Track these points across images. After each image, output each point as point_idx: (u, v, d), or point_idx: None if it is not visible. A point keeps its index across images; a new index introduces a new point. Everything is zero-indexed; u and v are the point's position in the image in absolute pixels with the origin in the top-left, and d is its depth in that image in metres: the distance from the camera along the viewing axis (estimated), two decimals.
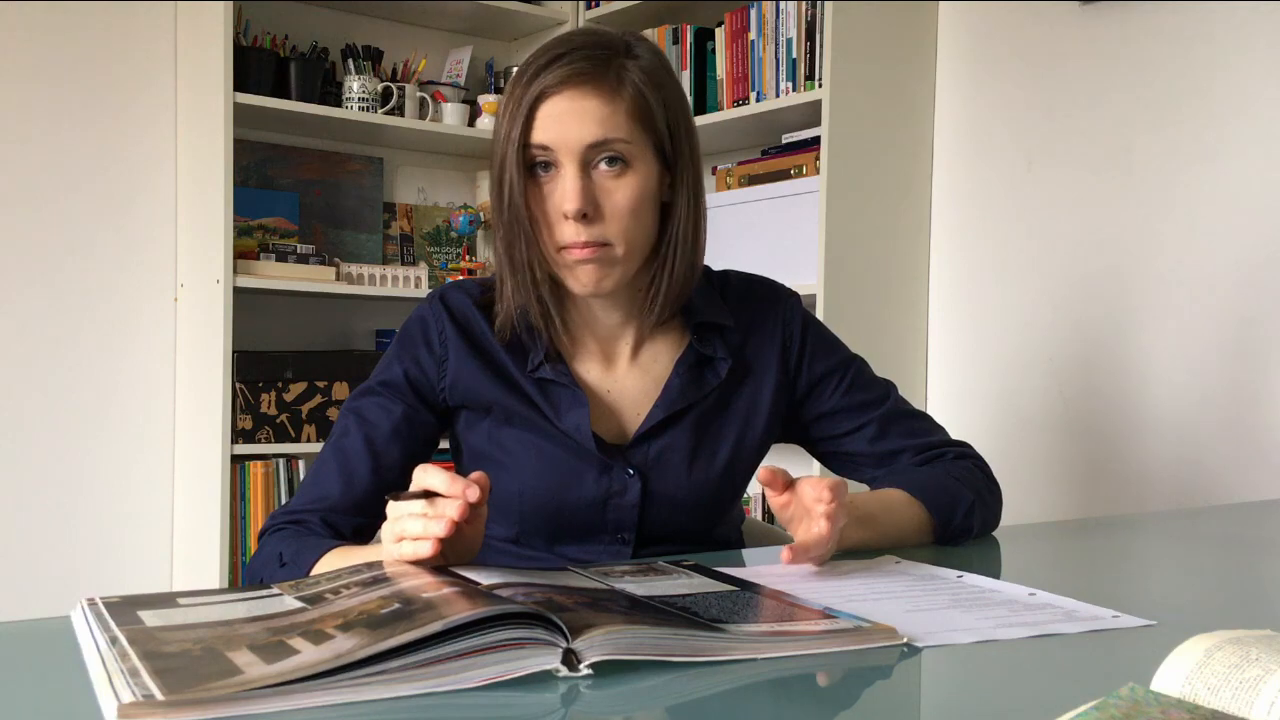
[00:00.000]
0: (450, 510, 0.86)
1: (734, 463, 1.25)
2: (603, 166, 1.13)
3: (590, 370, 1.23)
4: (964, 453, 1.30)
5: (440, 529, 0.86)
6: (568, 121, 1.11)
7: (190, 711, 0.57)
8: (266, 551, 1.13)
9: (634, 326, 1.24)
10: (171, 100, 2.83)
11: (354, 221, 3.12)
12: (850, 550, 1.10)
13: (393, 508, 0.91)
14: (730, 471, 1.25)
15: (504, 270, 1.18)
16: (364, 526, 1.18)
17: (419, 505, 0.89)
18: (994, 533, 1.28)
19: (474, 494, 0.87)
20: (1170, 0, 2.25)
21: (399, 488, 1.16)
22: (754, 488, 2.58)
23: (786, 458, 1.71)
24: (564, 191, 1.12)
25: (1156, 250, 2.28)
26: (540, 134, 1.12)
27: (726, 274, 1.32)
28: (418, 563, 0.88)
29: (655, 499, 1.21)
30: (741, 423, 1.26)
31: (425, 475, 0.91)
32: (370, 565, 0.88)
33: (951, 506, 1.19)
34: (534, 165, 1.13)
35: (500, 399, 1.20)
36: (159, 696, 0.58)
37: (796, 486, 1.02)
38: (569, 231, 1.13)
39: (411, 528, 0.88)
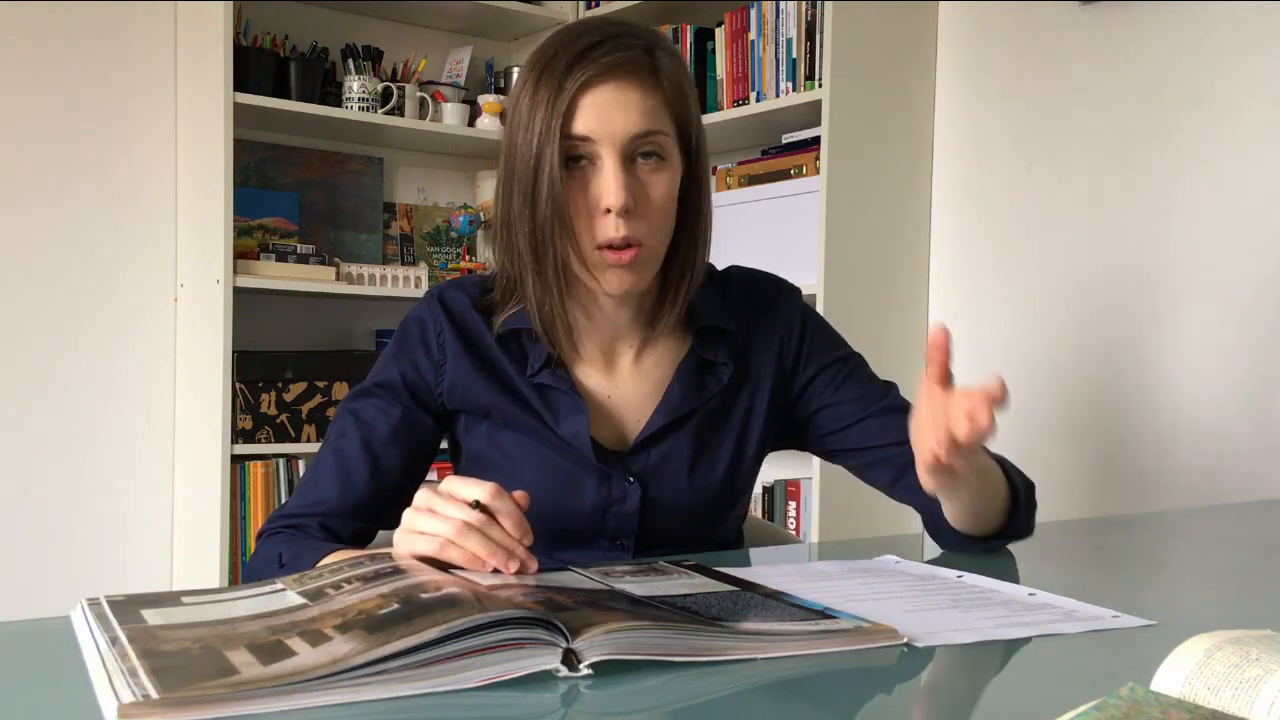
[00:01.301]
0: (518, 549, 0.89)
1: (734, 468, 1.24)
2: (641, 160, 1.11)
3: (591, 375, 1.21)
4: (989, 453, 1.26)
5: (504, 562, 0.88)
6: (612, 112, 1.09)
7: (190, 711, 0.57)
8: (264, 553, 1.11)
9: (640, 328, 1.22)
10: (171, 100, 2.83)
11: (354, 221, 3.12)
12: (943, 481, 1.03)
13: (435, 502, 0.91)
14: (731, 477, 1.24)
15: (526, 270, 1.14)
16: (362, 531, 1.17)
17: (475, 515, 0.89)
18: None
19: (525, 502, 0.91)
20: (1170, 0, 2.25)
21: (398, 492, 1.15)
22: (755, 487, 2.58)
23: (787, 458, 1.71)
24: (605, 185, 1.09)
25: (1157, 250, 2.28)
26: (582, 124, 1.08)
27: (728, 273, 1.30)
28: (427, 560, 0.88)
29: (655, 506, 1.19)
30: (741, 427, 1.24)
31: (465, 487, 0.91)
32: (374, 557, 0.88)
33: (1028, 486, 1.16)
34: (569, 158, 1.10)
35: (499, 404, 1.19)
36: (154, 695, 0.58)
37: (952, 393, 0.97)
38: (609, 227, 1.09)
39: (471, 543, 0.88)
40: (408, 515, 0.92)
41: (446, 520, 0.89)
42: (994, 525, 1.14)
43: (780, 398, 1.27)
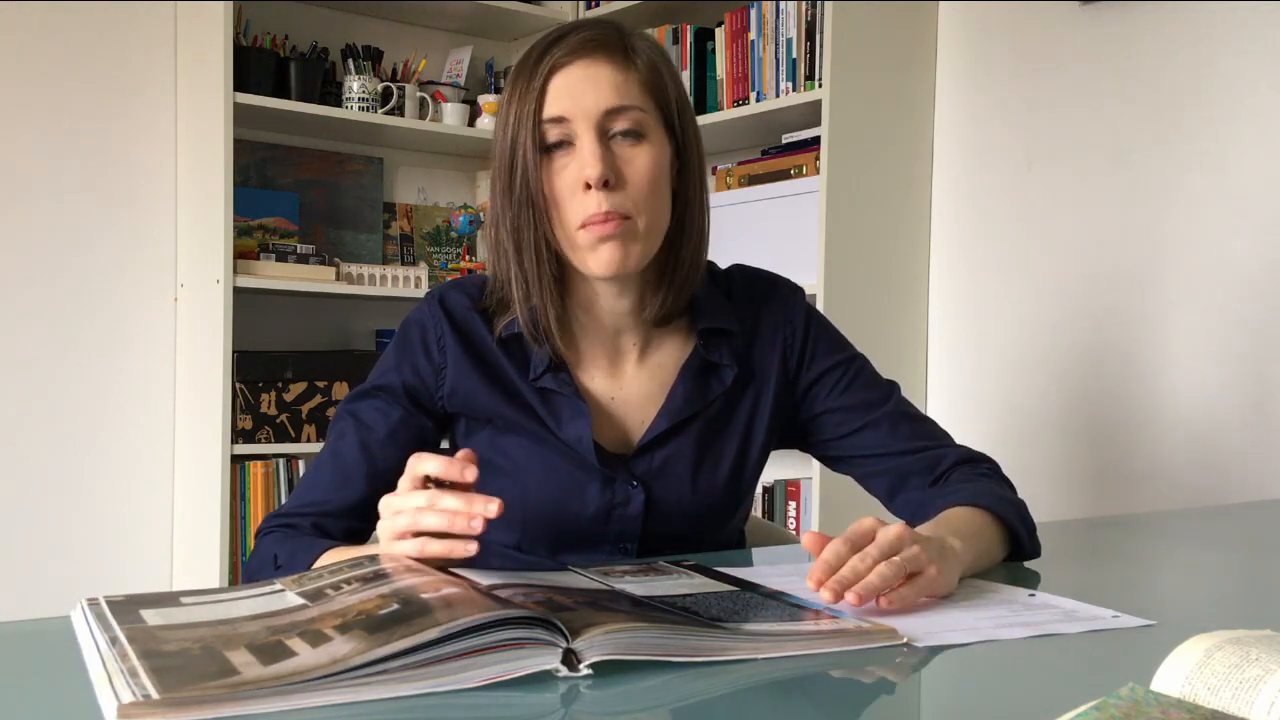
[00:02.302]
0: (472, 521, 0.87)
1: (738, 470, 1.23)
2: (619, 136, 1.11)
3: (594, 378, 1.20)
4: (976, 458, 1.23)
5: (470, 545, 0.87)
6: (583, 89, 1.09)
7: (190, 711, 0.57)
8: (261, 553, 1.11)
9: (642, 324, 1.21)
10: (171, 100, 2.83)
11: (354, 221, 3.12)
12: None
13: (388, 502, 0.91)
14: (735, 479, 1.23)
15: (509, 263, 1.14)
16: (356, 530, 1.16)
17: (423, 498, 0.88)
18: None
19: (472, 474, 0.88)
20: (1170, 0, 2.25)
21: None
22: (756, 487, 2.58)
23: (787, 458, 1.71)
24: (583, 160, 1.09)
25: (1157, 250, 2.28)
26: (555, 106, 1.09)
27: (730, 272, 1.29)
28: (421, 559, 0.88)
29: (658, 509, 1.18)
30: (745, 429, 1.23)
31: (420, 463, 0.91)
32: (372, 559, 0.88)
33: (1020, 512, 1.10)
34: (547, 144, 1.10)
35: (500, 409, 1.18)
36: (154, 695, 0.58)
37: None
38: (591, 203, 1.09)
39: (428, 521, 0.87)
40: (381, 526, 0.93)
41: (399, 516, 0.89)
42: (998, 562, 1.10)
43: (784, 400, 1.26)
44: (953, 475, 1.20)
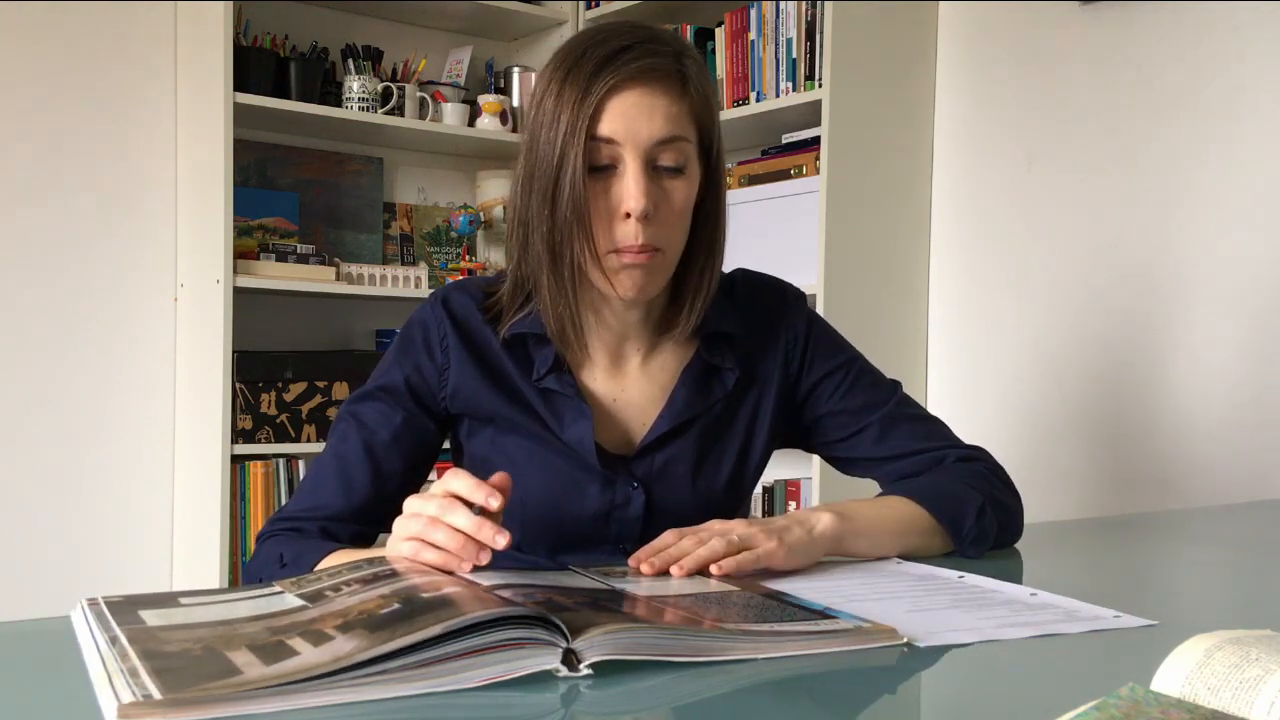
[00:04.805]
0: (482, 552, 0.86)
1: (739, 473, 1.24)
2: (664, 166, 1.11)
3: (596, 379, 1.21)
4: (973, 456, 1.25)
5: (465, 564, 0.86)
6: (638, 116, 1.08)
7: (190, 711, 0.57)
8: (265, 554, 1.11)
9: (648, 332, 1.21)
10: (171, 100, 2.83)
11: (354, 221, 3.12)
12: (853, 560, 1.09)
13: (409, 502, 0.90)
14: (735, 482, 1.24)
15: (542, 270, 1.13)
16: (362, 534, 1.16)
17: (435, 507, 0.88)
18: None
19: (496, 503, 0.87)
20: (1170, 0, 2.25)
21: (399, 496, 1.14)
22: (755, 488, 2.58)
23: (787, 457, 1.71)
24: (627, 189, 1.09)
25: (1157, 250, 2.28)
26: (607, 127, 1.08)
27: (734, 276, 1.30)
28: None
29: (659, 511, 1.19)
30: (745, 433, 1.24)
31: (450, 480, 0.90)
32: (372, 561, 0.88)
33: (959, 511, 1.13)
34: (594, 164, 1.09)
35: (502, 409, 1.18)
36: (157, 696, 0.58)
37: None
38: (628, 232, 1.09)
39: (436, 536, 0.87)
40: (397, 524, 0.92)
41: (417, 519, 0.89)
42: (940, 549, 1.14)
43: (785, 403, 1.26)
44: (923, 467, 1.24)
